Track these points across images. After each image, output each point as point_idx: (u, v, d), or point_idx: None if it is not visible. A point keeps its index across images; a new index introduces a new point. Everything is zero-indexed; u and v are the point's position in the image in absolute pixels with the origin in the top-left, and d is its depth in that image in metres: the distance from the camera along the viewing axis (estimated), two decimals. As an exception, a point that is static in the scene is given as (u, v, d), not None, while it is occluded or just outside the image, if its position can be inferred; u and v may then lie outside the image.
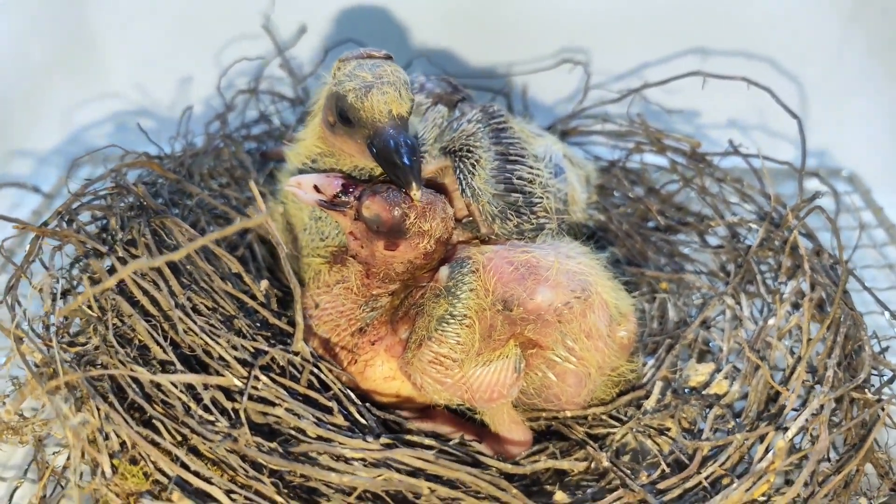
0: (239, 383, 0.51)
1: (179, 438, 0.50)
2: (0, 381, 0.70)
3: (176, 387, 0.51)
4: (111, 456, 0.48)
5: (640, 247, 0.77)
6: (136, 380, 0.52)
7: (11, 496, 0.61)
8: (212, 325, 0.54)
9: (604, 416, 0.64)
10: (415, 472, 0.50)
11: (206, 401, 0.50)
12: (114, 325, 0.54)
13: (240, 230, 0.69)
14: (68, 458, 0.54)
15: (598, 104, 0.80)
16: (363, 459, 0.48)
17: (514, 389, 0.59)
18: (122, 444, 0.49)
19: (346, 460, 0.48)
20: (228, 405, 0.51)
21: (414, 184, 0.55)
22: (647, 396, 0.64)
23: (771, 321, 0.65)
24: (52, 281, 0.54)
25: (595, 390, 0.63)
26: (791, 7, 0.88)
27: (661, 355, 0.68)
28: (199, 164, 0.74)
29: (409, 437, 0.55)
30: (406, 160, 0.55)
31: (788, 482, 0.57)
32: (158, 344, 0.53)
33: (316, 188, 0.59)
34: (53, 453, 0.56)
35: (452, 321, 0.57)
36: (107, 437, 0.49)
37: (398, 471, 0.49)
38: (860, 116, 0.92)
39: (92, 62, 0.96)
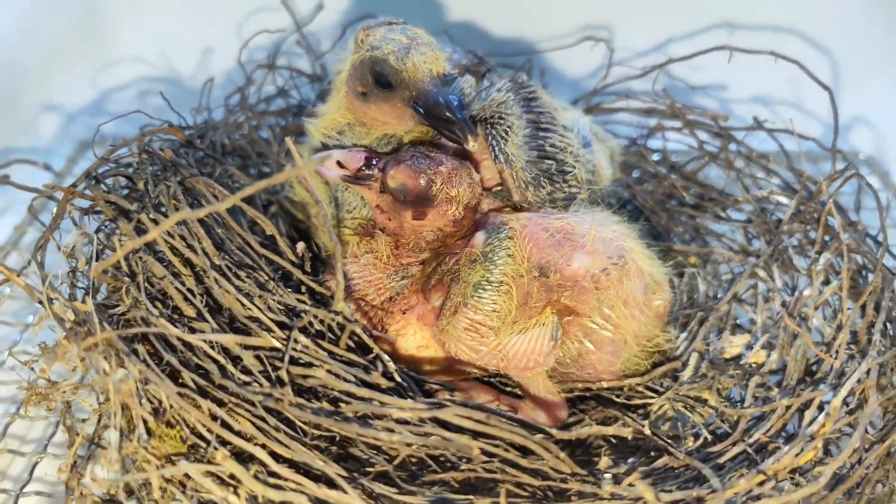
0: (278, 344, 0.49)
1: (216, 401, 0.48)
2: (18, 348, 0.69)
3: (213, 348, 0.49)
4: (151, 415, 0.46)
5: (666, 223, 0.77)
6: (168, 342, 0.50)
7: (32, 471, 0.59)
8: (248, 287, 0.53)
9: (639, 388, 0.62)
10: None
11: (246, 362, 0.48)
12: (145, 287, 0.52)
13: (266, 192, 0.68)
14: (98, 424, 0.53)
15: (621, 81, 0.80)
16: (409, 421, 0.47)
17: (550, 358, 0.58)
18: (158, 405, 0.48)
19: (395, 421, 0.47)
20: (267, 368, 0.50)
21: (470, 136, 0.56)
22: (682, 368, 0.63)
23: (806, 292, 0.64)
24: (84, 240, 0.52)
25: (630, 360, 0.62)
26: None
27: (693, 328, 0.67)
28: (219, 136, 0.73)
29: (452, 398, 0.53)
30: (459, 114, 0.56)
31: (827, 451, 0.56)
32: (192, 304, 0.52)
33: (339, 164, 0.58)
34: (82, 420, 0.54)
35: (489, 287, 0.56)
36: (141, 401, 0.47)
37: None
38: (878, 98, 0.92)
39: (106, 35, 0.94)
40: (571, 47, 0.85)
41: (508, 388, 0.64)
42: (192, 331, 0.52)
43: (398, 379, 0.51)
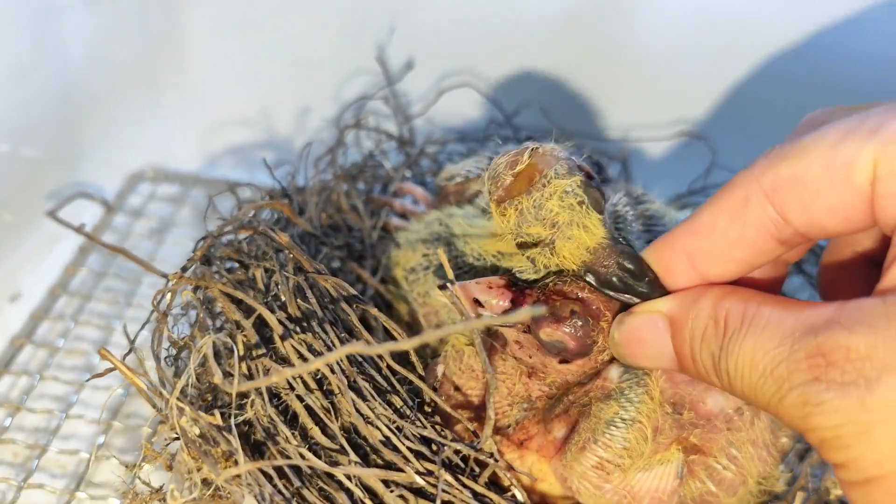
0: (422, 482, 0.46)
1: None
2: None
3: (350, 480, 0.45)
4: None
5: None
6: (295, 467, 0.46)
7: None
8: (381, 409, 0.49)
9: (749, 528, 0.60)
10: None
11: (387, 500, 0.45)
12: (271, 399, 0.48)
13: (368, 287, 0.64)
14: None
15: (719, 185, 0.77)
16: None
17: (674, 497, 0.55)
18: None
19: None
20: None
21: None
22: (790, 508, 0.61)
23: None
24: (209, 343, 0.47)
25: (742, 498, 0.59)
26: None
27: (791, 461, 0.65)
28: (316, 210, 0.68)
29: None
30: (644, 288, 0.47)
31: None
32: (324, 429, 0.48)
33: (476, 302, 0.50)
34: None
35: (622, 425, 0.53)
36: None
37: None
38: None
39: (177, 74, 0.89)
40: (666, 140, 0.83)
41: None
42: (314, 449, 0.48)
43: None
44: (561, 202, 0.46)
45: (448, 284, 0.48)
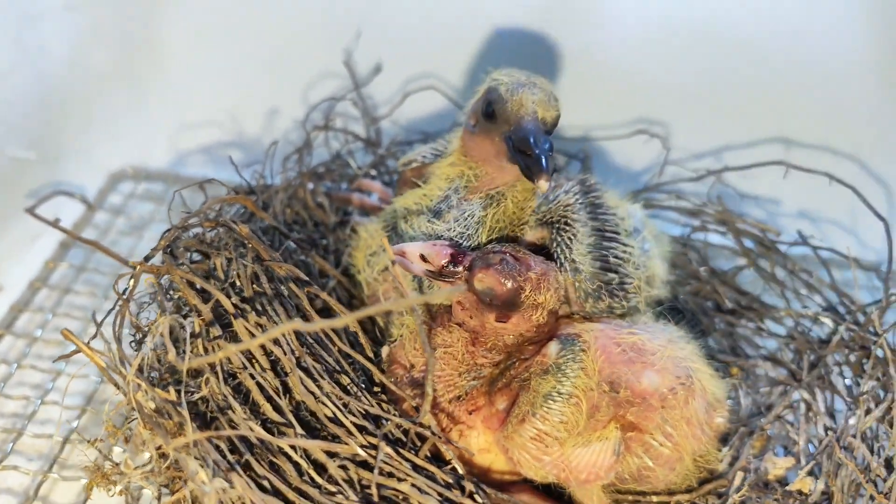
0: (362, 452, 0.49)
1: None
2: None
3: (296, 451, 0.49)
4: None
5: (707, 328, 0.77)
6: (246, 441, 0.50)
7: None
8: (330, 388, 0.52)
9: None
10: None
11: (331, 471, 0.48)
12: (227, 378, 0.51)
13: (324, 274, 0.67)
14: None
15: (675, 181, 0.80)
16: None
17: (611, 472, 0.58)
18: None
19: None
20: (340, 473, 0.49)
21: (544, 174, 0.54)
22: (729, 486, 0.63)
23: (851, 420, 0.65)
24: (165, 324, 0.51)
25: (680, 474, 0.62)
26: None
27: (735, 443, 0.67)
28: (280, 204, 0.72)
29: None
30: (538, 150, 0.54)
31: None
32: (272, 401, 0.51)
33: (422, 258, 0.57)
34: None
35: (559, 399, 0.56)
36: None
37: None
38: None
39: (154, 75, 0.93)
40: (625, 138, 0.85)
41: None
42: (266, 425, 0.51)
43: (476, 497, 0.51)
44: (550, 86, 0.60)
45: (390, 265, 0.52)
